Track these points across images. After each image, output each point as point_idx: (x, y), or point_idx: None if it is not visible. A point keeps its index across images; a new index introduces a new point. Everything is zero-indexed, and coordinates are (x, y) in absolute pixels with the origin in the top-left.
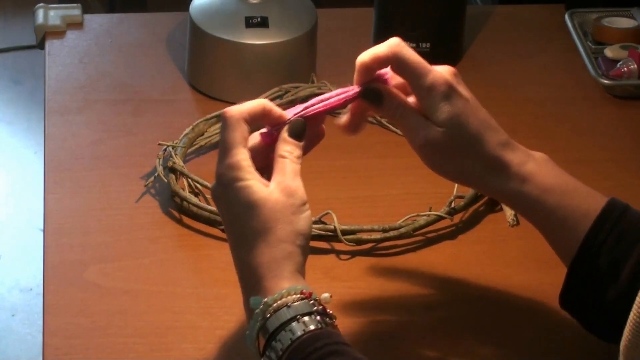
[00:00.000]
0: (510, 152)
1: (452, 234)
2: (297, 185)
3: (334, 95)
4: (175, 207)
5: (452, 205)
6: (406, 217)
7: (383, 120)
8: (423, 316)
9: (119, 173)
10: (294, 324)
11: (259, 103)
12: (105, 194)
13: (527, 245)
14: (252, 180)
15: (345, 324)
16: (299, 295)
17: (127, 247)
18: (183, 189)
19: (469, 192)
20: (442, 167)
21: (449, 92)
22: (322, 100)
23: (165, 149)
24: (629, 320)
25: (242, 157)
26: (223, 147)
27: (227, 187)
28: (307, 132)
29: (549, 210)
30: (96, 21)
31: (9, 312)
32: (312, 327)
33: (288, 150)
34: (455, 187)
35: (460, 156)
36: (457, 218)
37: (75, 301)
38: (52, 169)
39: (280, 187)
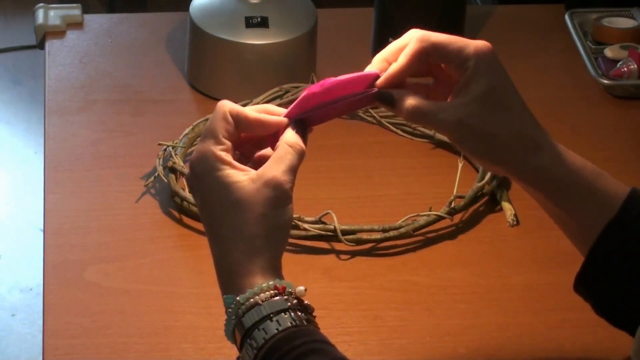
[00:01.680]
0: (543, 131)
1: (452, 234)
2: (286, 179)
3: (349, 80)
4: (175, 207)
5: (452, 205)
6: (406, 217)
7: (383, 120)
8: (423, 316)
9: (119, 173)
10: (267, 322)
11: (259, 108)
12: (105, 194)
13: (527, 245)
14: (230, 170)
15: (345, 324)
16: (272, 292)
17: (127, 247)
18: (183, 189)
19: (468, 192)
20: (479, 146)
21: (493, 60)
22: (336, 92)
23: (165, 149)
24: None
25: (221, 147)
26: (202, 136)
27: (201, 176)
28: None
29: (582, 188)
30: (96, 21)
31: (9, 312)
32: (287, 324)
33: (294, 141)
34: (455, 187)
35: (495, 129)
36: (457, 218)
37: (75, 301)
38: (52, 169)
39: (266, 177)
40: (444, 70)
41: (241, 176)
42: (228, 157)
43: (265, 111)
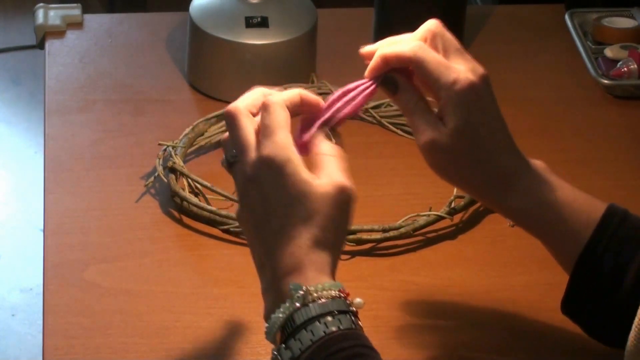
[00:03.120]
0: (513, 165)
1: (452, 234)
2: (347, 183)
3: (352, 89)
4: (175, 207)
5: (452, 205)
6: (406, 217)
7: (383, 120)
8: (423, 316)
9: (119, 173)
10: (329, 318)
11: (295, 93)
12: (105, 194)
13: (527, 245)
14: (302, 167)
15: None
16: (338, 293)
17: (127, 247)
18: (183, 189)
19: None
20: (443, 171)
21: (469, 98)
22: (343, 95)
23: (165, 149)
24: (634, 325)
25: (290, 140)
26: (269, 130)
27: (278, 167)
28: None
29: (549, 224)
30: (96, 21)
31: (9, 312)
32: (346, 325)
33: (330, 149)
34: (455, 187)
35: (463, 166)
36: (457, 218)
37: (75, 301)
38: (52, 169)
39: (339, 183)
40: None
41: (314, 177)
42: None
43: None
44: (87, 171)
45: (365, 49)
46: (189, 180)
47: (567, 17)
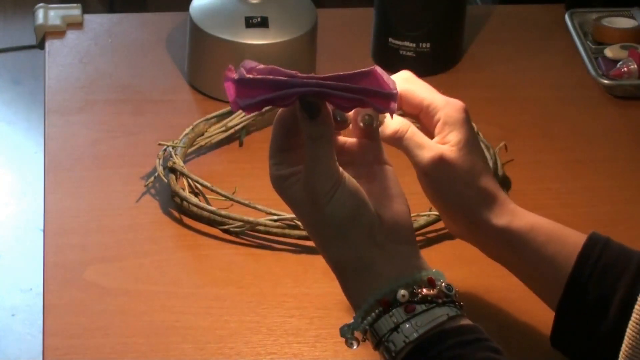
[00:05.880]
0: (496, 187)
1: (452, 234)
2: (315, 180)
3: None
4: (175, 207)
5: None
6: None
7: None
8: None
9: (119, 173)
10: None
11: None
12: (105, 194)
13: None
14: (286, 182)
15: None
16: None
17: (127, 247)
18: (183, 189)
19: None
20: (443, 194)
21: (465, 119)
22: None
23: (165, 149)
24: (620, 354)
25: (273, 161)
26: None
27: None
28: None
29: (538, 246)
30: (96, 21)
31: (9, 312)
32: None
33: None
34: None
35: (462, 184)
36: None
37: (75, 301)
38: (52, 169)
39: (301, 184)
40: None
41: (294, 181)
42: (281, 169)
43: None
44: (87, 171)
45: None
46: (189, 180)
47: (567, 17)
